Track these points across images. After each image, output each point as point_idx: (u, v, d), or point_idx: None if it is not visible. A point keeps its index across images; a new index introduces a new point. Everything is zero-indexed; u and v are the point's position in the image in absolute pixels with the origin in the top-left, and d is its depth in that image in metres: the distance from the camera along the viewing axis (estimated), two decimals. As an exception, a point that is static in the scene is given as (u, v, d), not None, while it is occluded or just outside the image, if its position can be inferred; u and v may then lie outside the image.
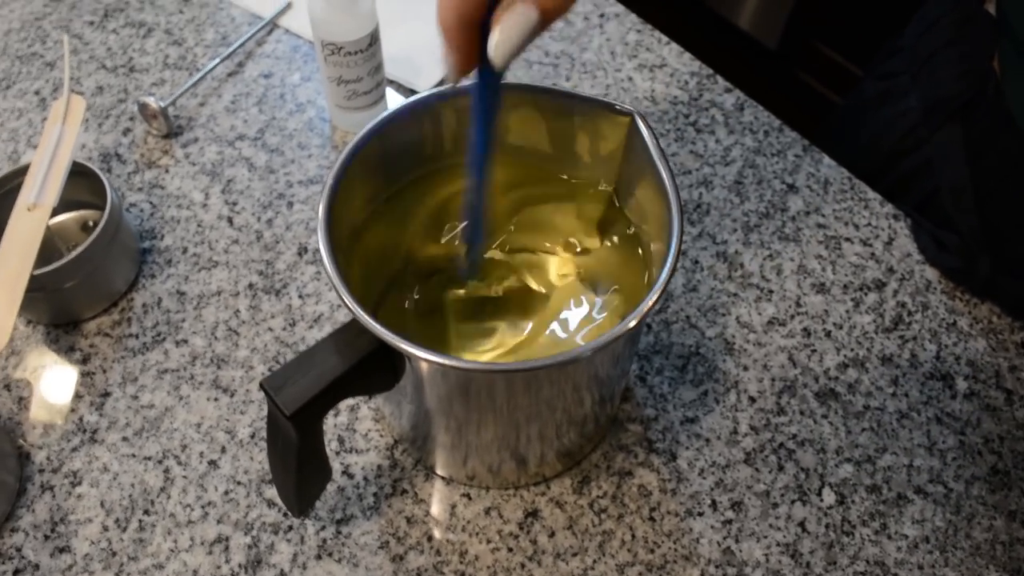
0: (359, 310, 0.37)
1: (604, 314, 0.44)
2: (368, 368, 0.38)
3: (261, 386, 0.37)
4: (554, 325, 0.44)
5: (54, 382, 0.54)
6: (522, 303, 0.46)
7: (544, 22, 0.32)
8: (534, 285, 0.46)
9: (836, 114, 0.75)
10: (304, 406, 0.37)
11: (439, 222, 0.47)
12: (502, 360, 0.44)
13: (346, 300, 0.37)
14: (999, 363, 0.56)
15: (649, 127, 0.42)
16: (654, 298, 0.37)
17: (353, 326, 0.38)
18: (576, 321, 0.44)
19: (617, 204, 0.47)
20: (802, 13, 1.50)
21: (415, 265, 0.46)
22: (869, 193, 0.63)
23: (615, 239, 0.47)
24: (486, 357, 0.44)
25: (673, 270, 0.38)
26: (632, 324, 0.37)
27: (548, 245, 0.47)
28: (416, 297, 0.45)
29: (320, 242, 0.39)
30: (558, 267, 0.47)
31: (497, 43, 0.32)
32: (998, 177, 0.56)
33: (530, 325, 0.45)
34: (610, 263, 0.46)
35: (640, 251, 0.46)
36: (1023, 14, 0.51)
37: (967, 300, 0.58)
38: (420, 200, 0.47)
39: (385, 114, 0.44)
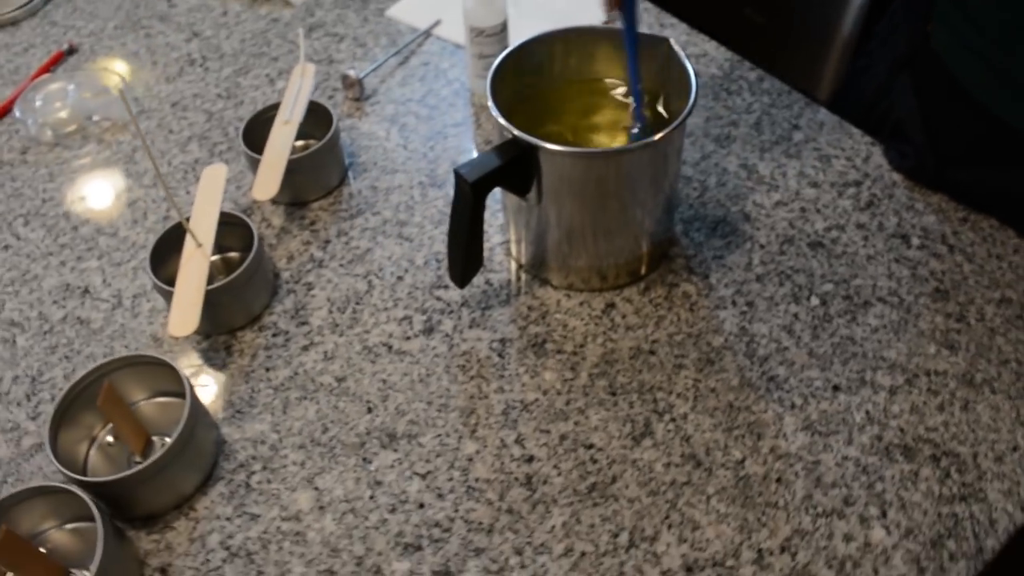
0: (509, 125, 0.64)
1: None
2: (514, 166, 0.65)
3: (455, 171, 0.64)
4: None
5: (293, 235, 0.82)
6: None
7: None
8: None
9: (834, 89, 1.00)
10: (479, 179, 0.63)
11: (556, 108, 0.75)
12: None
13: (499, 119, 0.64)
14: (944, 229, 0.79)
15: (679, 47, 0.69)
16: (685, 114, 0.63)
17: (506, 141, 0.65)
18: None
19: (660, 107, 0.74)
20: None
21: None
22: (853, 129, 0.88)
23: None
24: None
25: (690, 111, 0.64)
26: (675, 125, 0.63)
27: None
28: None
29: (488, 89, 0.66)
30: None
31: None
32: (935, 103, 0.80)
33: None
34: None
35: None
36: None
37: (923, 191, 0.82)
38: (547, 94, 0.75)
39: (522, 40, 0.72)
